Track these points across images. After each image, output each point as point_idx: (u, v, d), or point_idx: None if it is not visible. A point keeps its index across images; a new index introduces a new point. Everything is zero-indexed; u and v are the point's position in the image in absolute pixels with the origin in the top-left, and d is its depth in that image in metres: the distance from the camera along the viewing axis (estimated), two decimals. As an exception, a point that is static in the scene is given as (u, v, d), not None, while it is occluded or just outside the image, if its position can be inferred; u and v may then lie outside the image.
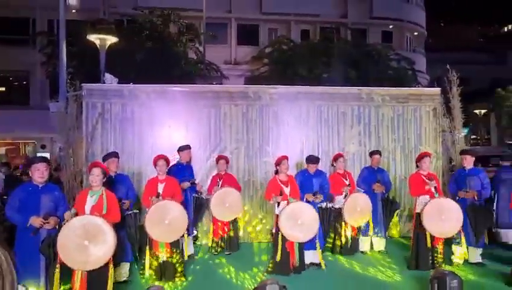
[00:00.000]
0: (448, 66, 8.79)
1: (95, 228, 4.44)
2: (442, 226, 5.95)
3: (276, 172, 6.40)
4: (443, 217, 5.91)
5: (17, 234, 4.68)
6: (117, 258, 5.03)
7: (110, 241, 4.46)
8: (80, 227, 4.40)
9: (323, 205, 6.62)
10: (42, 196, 4.67)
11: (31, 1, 20.36)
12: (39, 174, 4.68)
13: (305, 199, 6.35)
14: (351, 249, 7.00)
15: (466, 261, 6.50)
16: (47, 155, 18.05)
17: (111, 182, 5.84)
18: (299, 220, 5.86)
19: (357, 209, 6.74)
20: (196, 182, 7.17)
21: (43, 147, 19.51)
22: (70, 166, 7.61)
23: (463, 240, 6.40)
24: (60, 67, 10.55)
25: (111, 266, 4.67)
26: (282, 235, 5.96)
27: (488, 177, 6.80)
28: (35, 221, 4.49)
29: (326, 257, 6.69)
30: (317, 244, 6.31)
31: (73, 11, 19.80)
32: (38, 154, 18.34)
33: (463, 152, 6.97)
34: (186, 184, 6.83)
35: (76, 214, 4.57)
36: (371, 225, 7.12)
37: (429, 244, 6.11)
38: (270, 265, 6.15)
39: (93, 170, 4.85)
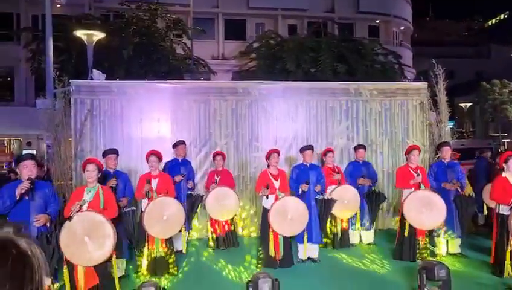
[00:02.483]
0: (433, 61, 8.91)
1: (93, 223, 4.47)
2: (423, 218, 6.05)
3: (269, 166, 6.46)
4: (424, 209, 6.00)
5: None
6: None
7: (109, 233, 4.49)
8: (79, 225, 4.42)
9: (320, 197, 6.64)
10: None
11: (14, -4, 20.04)
12: (27, 171, 4.61)
13: (300, 190, 6.36)
14: (341, 242, 7.10)
15: (447, 252, 6.63)
16: (33, 152, 17.86)
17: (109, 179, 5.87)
18: (289, 215, 5.92)
19: (344, 201, 6.80)
20: (190, 183, 7.18)
21: (28, 144, 19.26)
22: (59, 163, 7.56)
23: (442, 232, 6.53)
24: (47, 63, 10.43)
25: (113, 258, 4.75)
26: (269, 229, 6.03)
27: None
28: (19, 186, 4.48)
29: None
30: (305, 237, 6.33)
31: (58, 6, 19.52)
32: (24, 152, 18.14)
33: (442, 144, 7.00)
34: (178, 178, 6.89)
35: (81, 206, 4.58)
36: (358, 218, 7.23)
37: (406, 234, 6.24)
38: (259, 259, 6.24)
39: (87, 166, 4.84)
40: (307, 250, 6.44)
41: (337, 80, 13.35)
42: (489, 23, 71.48)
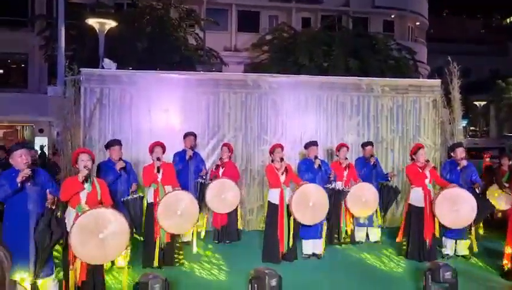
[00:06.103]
0: (449, 58, 8.74)
1: (103, 219, 4.39)
2: (459, 216, 5.92)
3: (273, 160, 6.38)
4: (456, 207, 5.88)
5: (4, 220, 4.62)
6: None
7: (122, 225, 4.43)
8: (90, 223, 4.33)
9: (330, 186, 6.49)
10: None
11: (29, -17, 20.10)
12: (23, 159, 4.48)
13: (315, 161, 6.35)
14: (345, 239, 7.01)
15: (455, 254, 6.49)
16: (45, 139, 18.03)
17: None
18: (310, 202, 5.84)
19: (361, 199, 6.67)
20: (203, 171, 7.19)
21: (40, 131, 19.42)
22: (68, 151, 7.57)
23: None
24: (59, 51, 10.48)
25: None
26: (275, 224, 5.98)
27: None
28: (21, 174, 4.38)
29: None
30: (323, 233, 6.28)
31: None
32: (36, 138, 18.31)
33: (456, 145, 6.81)
34: (190, 152, 7.01)
35: (87, 175, 4.56)
36: (379, 216, 7.14)
37: (415, 234, 6.15)
38: (263, 253, 6.20)
39: (81, 156, 4.73)
40: (312, 245, 6.38)
41: (349, 74, 13.23)
42: (508, 21, 70.11)
